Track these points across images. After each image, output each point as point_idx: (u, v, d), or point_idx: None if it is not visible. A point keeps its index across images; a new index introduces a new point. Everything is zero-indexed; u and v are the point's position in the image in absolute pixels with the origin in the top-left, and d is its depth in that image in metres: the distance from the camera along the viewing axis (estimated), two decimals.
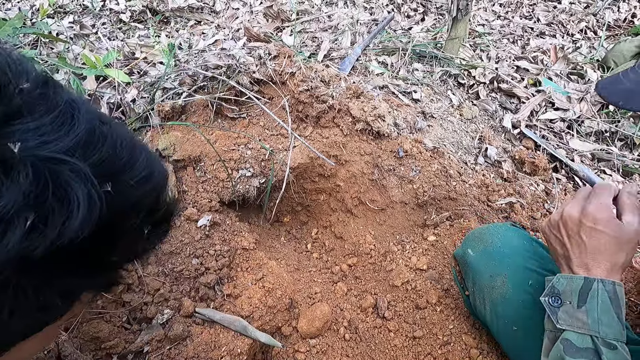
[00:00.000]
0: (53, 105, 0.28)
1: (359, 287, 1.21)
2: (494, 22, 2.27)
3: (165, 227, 0.38)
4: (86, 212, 0.26)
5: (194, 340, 0.96)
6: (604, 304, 0.54)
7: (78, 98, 0.31)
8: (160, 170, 0.35)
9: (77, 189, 0.26)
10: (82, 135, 0.28)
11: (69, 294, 0.30)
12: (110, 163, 0.30)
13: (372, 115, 1.30)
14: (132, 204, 0.31)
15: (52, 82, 0.31)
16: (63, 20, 1.86)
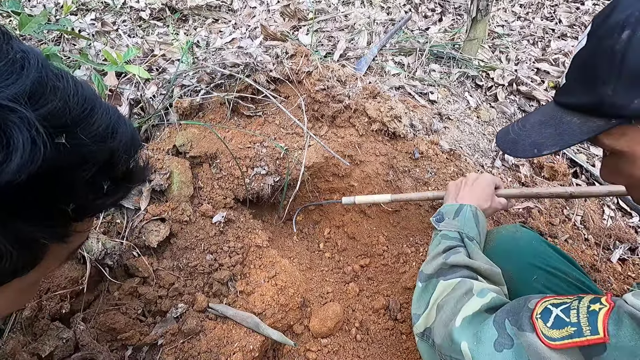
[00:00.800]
0: (3, 55, 0.29)
1: (371, 288, 1.21)
2: (514, 23, 2.22)
3: (126, 185, 0.38)
4: (27, 157, 0.26)
5: (207, 335, 0.97)
6: (468, 218, 0.81)
7: (32, 50, 0.31)
8: (124, 130, 0.35)
9: (19, 133, 0.26)
10: (30, 84, 0.28)
11: (25, 243, 0.30)
12: (62, 115, 0.30)
13: (389, 115, 1.29)
14: (86, 156, 0.31)
15: (6, 34, 0.31)
16: (85, 17, 1.90)
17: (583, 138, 0.49)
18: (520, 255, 0.84)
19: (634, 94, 0.43)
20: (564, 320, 0.48)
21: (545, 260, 0.82)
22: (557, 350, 0.46)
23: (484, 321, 0.57)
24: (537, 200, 1.29)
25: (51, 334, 0.88)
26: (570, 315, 0.47)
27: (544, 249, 0.85)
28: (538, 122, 0.55)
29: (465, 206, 0.83)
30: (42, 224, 0.30)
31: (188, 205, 1.13)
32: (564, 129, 0.51)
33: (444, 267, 0.73)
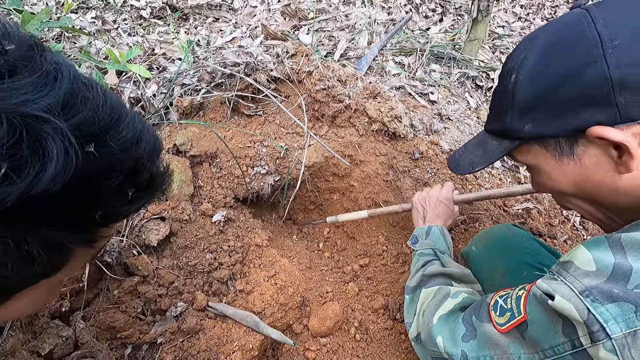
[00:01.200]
0: (37, 67, 0.30)
1: (371, 288, 1.21)
2: (515, 24, 2.23)
3: (149, 192, 0.39)
4: (60, 167, 0.27)
5: (207, 333, 0.97)
6: (437, 237, 0.97)
7: (64, 61, 0.32)
8: (148, 139, 0.36)
9: (53, 144, 0.27)
10: (63, 96, 0.29)
11: (55, 247, 0.32)
12: (91, 124, 0.31)
13: (389, 116, 1.30)
14: (113, 165, 0.32)
15: (39, 46, 0.32)
16: (86, 15, 1.90)
17: (500, 156, 0.62)
18: (510, 253, 0.88)
19: (525, 121, 0.55)
20: (504, 308, 0.58)
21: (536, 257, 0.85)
22: (504, 333, 0.56)
23: (456, 319, 0.68)
24: (537, 201, 1.30)
25: (51, 332, 0.88)
26: (507, 303, 0.58)
27: (535, 247, 0.89)
28: (473, 144, 0.69)
29: (432, 227, 1.00)
30: (72, 230, 0.32)
31: (188, 204, 1.13)
32: (488, 150, 0.64)
33: (424, 279, 0.86)
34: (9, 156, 0.26)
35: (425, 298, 0.80)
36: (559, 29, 0.54)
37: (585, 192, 0.56)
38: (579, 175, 0.54)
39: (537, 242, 0.91)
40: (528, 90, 0.54)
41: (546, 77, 0.52)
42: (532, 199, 1.30)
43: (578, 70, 0.49)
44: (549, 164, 0.57)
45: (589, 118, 0.49)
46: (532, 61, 0.54)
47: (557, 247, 1.17)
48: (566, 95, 0.51)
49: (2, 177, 0.26)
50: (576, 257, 0.50)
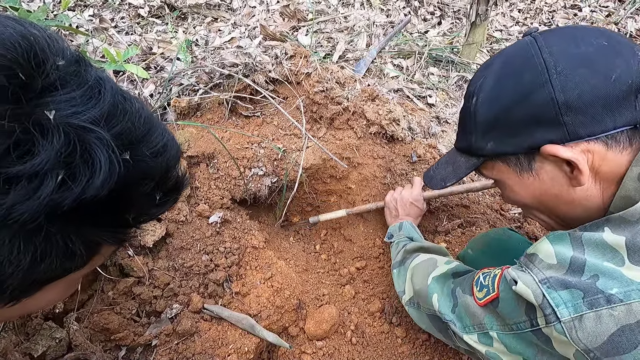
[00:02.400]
0: (83, 81, 0.33)
1: (367, 291, 1.21)
2: (512, 28, 2.24)
3: (174, 196, 0.42)
4: (107, 174, 0.30)
5: (202, 336, 0.97)
6: (409, 229, 1.08)
7: (105, 76, 0.35)
8: (173, 145, 0.40)
9: (100, 153, 0.30)
10: (106, 108, 0.32)
11: (91, 244, 0.35)
12: (129, 134, 0.34)
13: (387, 118, 1.29)
14: (146, 171, 0.36)
15: (83, 60, 0.35)
16: (83, 13, 1.88)
17: (468, 172, 0.67)
18: (506, 256, 0.87)
19: (486, 140, 0.61)
20: (482, 284, 0.65)
21: None
22: (482, 306, 0.63)
23: (447, 282, 0.76)
24: None
25: (44, 333, 0.87)
26: (486, 280, 0.65)
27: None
28: (444, 162, 0.75)
29: (403, 222, 1.10)
30: (109, 230, 0.35)
31: (184, 205, 1.13)
32: (457, 166, 0.70)
33: (407, 254, 0.96)
34: (65, 164, 0.29)
35: (414, 267, 0.89)
36: (510, 55, 0.60)
37: (545, 204, 0.62)
38: (538, 189, 0.60)
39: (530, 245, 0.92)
40: (486, 112, 0.60)
41: (500, 100, 0.58)
42: None
43: (527, 93, 0.55)
44: (511, 179, 0.62)
45: (541, 137, 0.55)
46: (488, 85, 0.60)
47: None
48: (519, 116, 0.56)
49: (60, 183, 0.28)
50: (540, 250, 0.56)
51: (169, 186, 0.40)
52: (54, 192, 0.28)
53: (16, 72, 0.28)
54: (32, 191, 0.27)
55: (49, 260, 0.32)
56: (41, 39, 0.31)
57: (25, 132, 0.28)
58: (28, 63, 0.29)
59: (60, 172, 0.28)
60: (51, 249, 0.31)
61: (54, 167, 0.28)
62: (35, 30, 0.32)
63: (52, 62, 0.31)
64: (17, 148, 0.27)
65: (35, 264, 0.31)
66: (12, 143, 0.27)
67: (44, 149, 0.28)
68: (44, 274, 0.33)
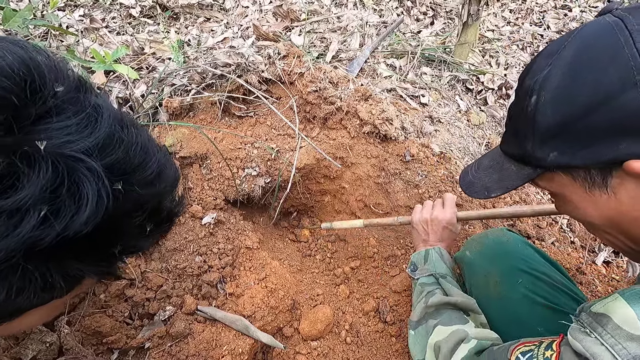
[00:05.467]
0: (81, 109, 0.32)
1: (362, 290, 1.21)
2: (504, 28, 2.26)
3: (166, 226, 0.41)
4: (93, 209, 0.29)
5: (196, 338, 0.96)
6: (436, 259, 0.94)
7: (104, 102, 0.34)
8: (169, 173, 0.38)
9: (89, 186, 0.29)
10: (102, 137, 0.32)
11: (72, 278, 0.34)
12: (123, 164, 0.33)
13: (380, 118, 1.30)
14: (138, 202, 0.34)
15: (84, 86, 0.34)
16: (73, 13, 1.86)
17: (519, 184, 0.56)
18: (505, 259, 0.86)
19: (548, 149, 0.49)
20: None
21: (531, 264, 0.83)
22: None
23: None
24: (525, 204, 1.31)
25: (34, 337, 0.86)
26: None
27: (529, 252, 0.87)
28: (487, 166, 0.63)
29: (430, 250, 0.96)
30: (92, 264, 0.34)
31: None
32: (505, 175, 0.58)
33: (428, 311, 0.83)
34: (50, 199, 0.27)
35: (440, 335, 0.75)
36: (587, 41, 0.46)
37: (619, 226, 0.50)
38: (613, 209, 0.48)
39: (531, 248, 0.89)
40: (551, 115, 0.47)
41: (573, 101, 0.45)
42: (521, 201, 1.31)
43: (612, 95, 0.42)
44: (577, 194, 0.50)
45: (626, 150, 0.43)
46: (555, 81, 0.47)
47: (545, 250, 1.19)
48: (597, 123, 0.44)
49: (42, 219, 0.27)
50: (614, 312, 0.43)
51: (161, 217, 0.39)
52: (35, 229, 0.27)
53: (11, 101, 0.28)
54: (11, 228, 0.26)
55: (25, 295, 0.30)
56: (42, 65, 0.31)
57: (11, 165, 0.27)
58: (24, 91, 0.29)
59: (44, 208, 0.27)
60: (28, 285, 0.30)
61: (38, 202, 0.27)
62: (38, 55, 0.32)
63: (51, 88, 0.31)
64: (0, 182, 0.26)
65: (9, 298, 0.30)
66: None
67: (30, 182, 0.27)
68: (21, 305, 0.32)
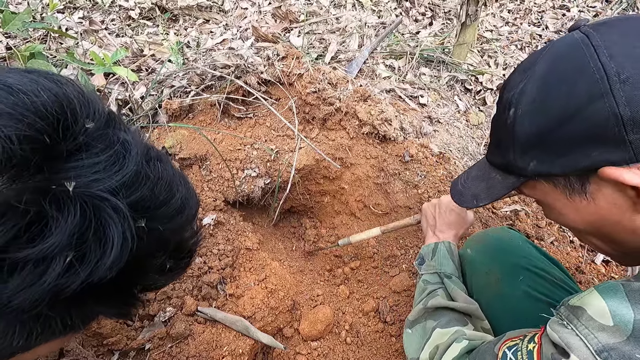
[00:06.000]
0: (109, 145, 0.32)
1: (361, 290, 1.21)
2: (502, 29, 2.26)
3: (187, 262, 0.40)
4: (118, 253, 0.29)
5: (196, 339, 0.96)
6: (443, 256, 0.90)
7: (132, 138, 0.34)
8: (192, 206, 0.38)
9: (114, 229, 0.29)
10: (129, 175, 0.31)
11: (90, 318, 0.34)
12: (147, 201, 0.33)
13: (379, 118, 1.30)
14: (160, 241, 0.34)
15: (112, 121, 0.34)
16: (73, 15, 1.87)
17: (505, 192, 0.58)
18: (506, 256, 0.87)
19: (528, 159, 0.51)
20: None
21: (531, 261, 0.84)
22: None
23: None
24: (524, 203, 1.32)
25: None
26: (517, 357, 0.54)
27: (529, 250, 0.88)
28: (475, 176, 0.65)
29: (439, 244, 0.93)
30: (112, 306, 0.34)
31: None
32: (492, 184, 0.60)
33: (427, 311, 0.82)
34: (76, 245, 0.27)
35: (438, 338, 0.75)
36: (558, 57, 0.49)
37: (601, 230, 0.51)
38: (593, 214, 0.49)
39: (531, 246, 0.90)
40: (528, 127, 0.50)
41: (546, 113, 0.48)
42: (520, 201, 1.31)
43: (582, 107, 0.44)
44: (559, 200, 0.52)
45: (599, 157, 0.44)
46: (530, 95, 0.50)
47: (545, 249, 1.19)
48: (570, 133, 0.46)
49: (67, 266, 0.26)
50: (589, 304, 0.46)
51: (182, 253, 0.38)
52: (60, 277, 0.26)
53: (43, 142, 0.28)
54: (37, 277, 0.26)
55: (42, 336, 0.30)
56: (74, 102, 0.31)
57: (40, 211, 0.26)
58: (56, 130, 0.29)
59: (70, 254, 0.27)
60: (47, 329, 0.30)
61: (65, 248, 0.26)
62: (71, 89, 0.31)
63: (82, 125, 0.31)
64: (29, 230, 0.26)
65: (29, 341, 0.29)
66: (25, 224, 0.26)
67: (58, 229, 0.26)
68: (37, 343, 0.32)
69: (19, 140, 0.26)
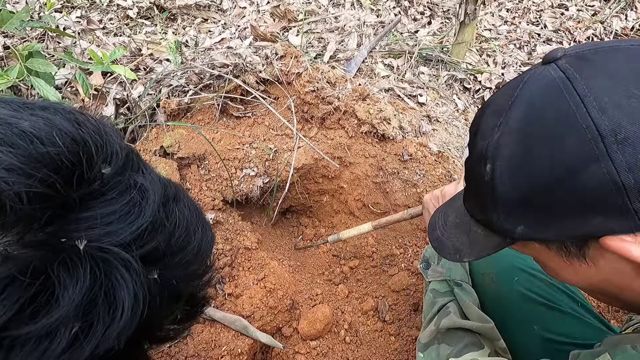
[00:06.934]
0: (126, 191, 0.29)
1: (360, 289, 1.21)
2: (501, 27, 2.26)
3: (199, 311, 0.37)
4: (128, 319, 0.26)
5: (195, 338, 0.96)
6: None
7: (149, 182, 0.31)
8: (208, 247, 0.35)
9: (125, 290, 0.26)
10: (145, 226, 0.29)
11: None
12: (162, 250, 0.30)
13: (378, 118, 1.30)
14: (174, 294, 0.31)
15: (132, 163, 0.31)
16: (70, 14, 1.86)
17: (490, 252, 0.50)
18: (502, 256, 0.85)
19: (516, 222, 0.43)
20: None
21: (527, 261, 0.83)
22: None
23: None
24: None
25: None
26: None
27: None
28: (454, 223, 0.57)
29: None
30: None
31: None
32: (474, 239, 0.52)
33: (440, 333, 0.74)
34: (84, 314, 0.24)
35: None
36: (536, 106, 0.40)
37: (605, 291, 0.46)
38: (594, 277, 0.44)
39: None
40: (510, 189, 0.42)
41: (531, 175, 0.40)
42: None
43: (572, 170, 0.37)
44: (554, 261, 0.46)
45: (600, 226, 0.38)
46: (508, 151, 0.41)
47: None
48: (562, 199, 0.39)
49: (72, 340, 0.23)
50: None
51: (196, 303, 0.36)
52: (63, 353, 0.23)
53: (56, 195, 0.25)
54: (38, 355, 0.22)
55: None
56: (91, 146, 0.28)
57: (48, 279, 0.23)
58: (70, 182, 0.26)
59: (76, 325, 0.23)
60: None
61: (71, 320, 0.23)
62: (89, 128, 0.28)
63: (97, 170, 0.28)
64: (34, 301, 0.23)
65: None
66: (30, 296, 0.22)
67: (65, 298, 0.23)
68: None
69: (28, 198, 0.24)
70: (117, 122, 1.28)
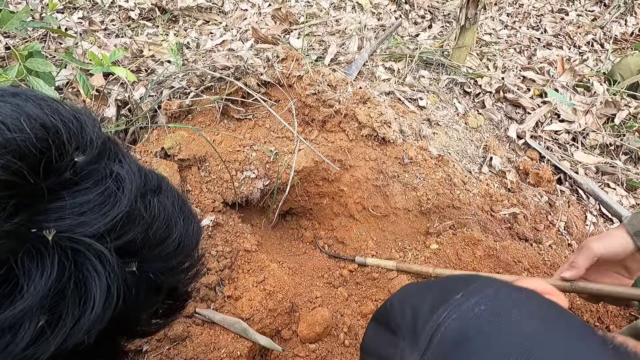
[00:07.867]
0: (100, 181, 0.28)
1: (360, 292, 1.21)
2: (501, 32, 2.27)
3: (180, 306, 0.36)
4: (100, 312, 0.25)
5: (194, 340, 0.96)
6: None
7: (126, 171, 0.30)
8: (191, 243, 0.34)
9: (97, 283, 0.25)
10: (120, 216, 0.27)
11: None
12: (139, 243, 0.29)
13: (379, 121, 1.30)
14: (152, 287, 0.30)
15: (107, 150, 0.30)
16: (72, 15, 1.86)
17: None
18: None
19: None
20: None
21: None
22: None
23: None
24: (523, 206, 1.32)
25: None
26: None
27: None
28: None
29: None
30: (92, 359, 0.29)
31: None
32: None
33: None
34: (50, 307, 0.23)
35: None
36: None
37: None
38: None
39: None
40: None
41: None
42: (519, 204, 1.32)
43: None
44: None
45: None
46: None
47: (543, 252, 1.20)
48: None
49: (38, 333, 0.22)
50: None
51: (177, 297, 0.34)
52: (28, 348, 0.22)
53: (23, 184, 0.24)
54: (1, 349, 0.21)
55: None
56: (63, 131, 0.27)
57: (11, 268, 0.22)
58: (38, 171, 0.25)
59: (42, 318, 0.22)
60: None
61: (36, 312, 0.22)
62: (61, 115, 0.27)
63: (69, 160, 0.27)
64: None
65: None
66: None
67: (30, 289, 0.22)
68: None
69: None
70: (118, 124, 1.29)
